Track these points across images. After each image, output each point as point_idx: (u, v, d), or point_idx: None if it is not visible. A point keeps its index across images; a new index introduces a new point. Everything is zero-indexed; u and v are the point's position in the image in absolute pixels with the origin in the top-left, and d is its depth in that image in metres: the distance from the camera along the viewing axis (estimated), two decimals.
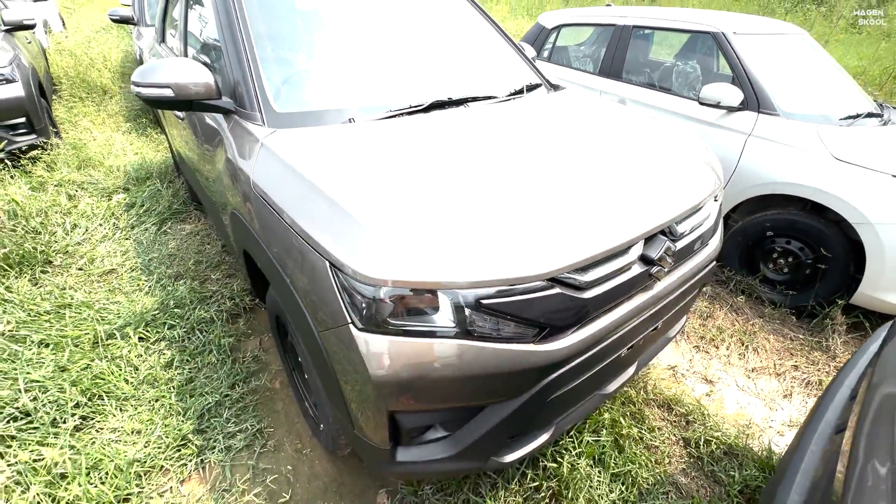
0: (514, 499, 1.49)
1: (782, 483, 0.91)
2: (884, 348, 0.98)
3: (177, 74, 1.50)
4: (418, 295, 0.98)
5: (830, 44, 8.73)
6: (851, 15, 9.21)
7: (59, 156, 3.69)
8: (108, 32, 9.09)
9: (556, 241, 1.06)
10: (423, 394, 1.04)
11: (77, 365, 1.82)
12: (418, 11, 2.15)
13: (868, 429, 0.79)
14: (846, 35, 9.63)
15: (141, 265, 2.62)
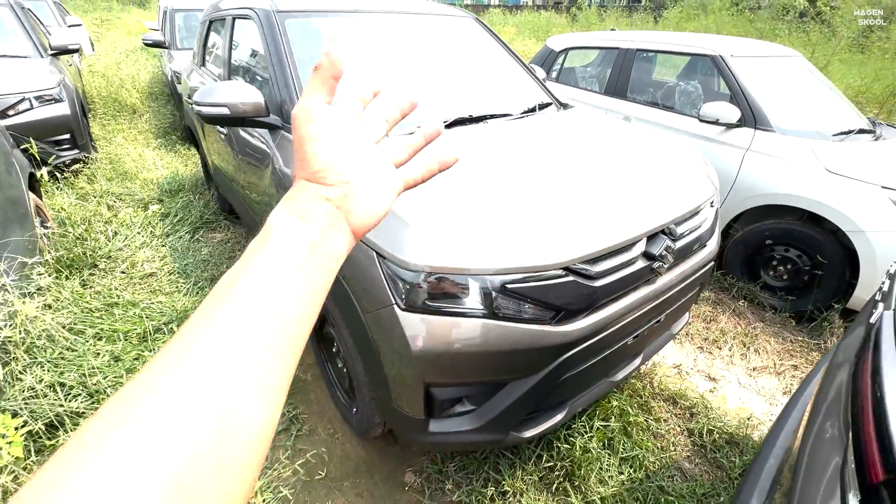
0: (531, 477, 1.62)
1: (753, 466, 1.03)
2: (840, 343, 1.10)
3: (231, 95, 1.71)
4: (452, 280, 1.15)
5: (833, 63, 8.95)
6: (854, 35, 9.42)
7: (99, 169, 3.95)
8: (135, 55, 9.56)
9: (570, 237, 1.23)
10: (454, 367, 1.20)
11: (129, 355, 1.99)
12: (441, 38, 2.38)
13: (817, 417, 0.89)
14: (849, 55, 9.86)
15: (178, 269, 2.82)
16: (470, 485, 1.61)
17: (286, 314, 0.29)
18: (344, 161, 0.36)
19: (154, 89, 7.04)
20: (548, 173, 1.52)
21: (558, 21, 18.02)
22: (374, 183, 0.37)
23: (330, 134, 0.36)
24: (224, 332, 0.26)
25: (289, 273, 0.30)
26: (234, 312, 0.27)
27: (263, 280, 0.29)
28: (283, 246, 0.31)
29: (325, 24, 2.11)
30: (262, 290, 0.29)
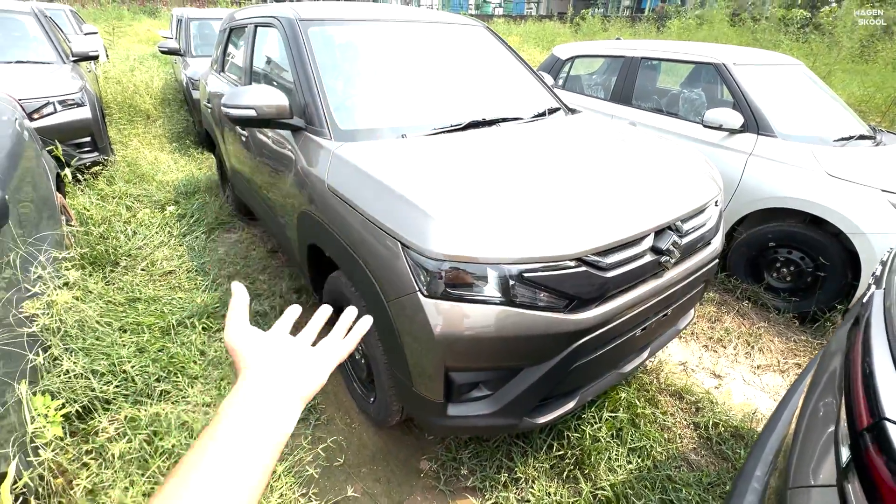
0: (542, 465, 1.68)
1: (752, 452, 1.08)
2: (836, 332, 1.16)
3: (258, 98, 1.80)
4: (472, 269, 1.22)
5: (836, 73, 9.04)
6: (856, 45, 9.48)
7: (117, 171, 4.06)
8: (148, 63, 9.74)
9: (582, 230, 1.31)
10: (473, 351, 1.27)
11: (153, 347, 2.07)
12: (453, 46, 2.48)
13: (814, 393, 0.95)
14: (853, 65, 9.95)
15: (196, 267, 2.91)
16: (483, 471, 1.67)
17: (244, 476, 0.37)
18: (273, 352, 0.48)
19: (167, 95, 7.18)
20: (560, 172, 1.60)
21: (562, 30, 18.25)
22: (305, 362, 0.49)
23: (255, 340, 0.49)
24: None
25: (241, 444, 0.39)
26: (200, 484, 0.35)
27: (221, 454, 0.37)
28: (234, 424, 0.40)
29: (345, 31, 2.21)
30: (220, 463, 0.37)
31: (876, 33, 10.05)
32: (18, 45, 4.21)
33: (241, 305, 0.50)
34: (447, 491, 1.63)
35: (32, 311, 1.61)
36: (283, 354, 0.48)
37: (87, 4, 21.14)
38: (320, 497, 1.57)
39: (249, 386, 0.43)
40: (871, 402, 0.60)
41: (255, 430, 0.40)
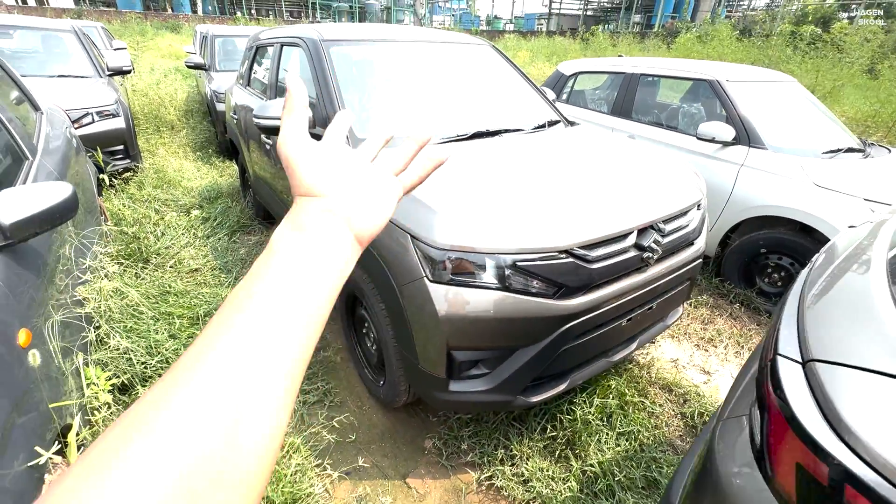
0: (536, 445, 1.83)
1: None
2: None
3: None
4: (473, 258, 1.40)
5: (847, 88, 9.14)
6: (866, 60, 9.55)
7: (146, 177, 4.34)
8: (172, 76, 10.20)
9: (571, 226, 1.48)
10: (472, 332, 1.44)
11: (184, 334, 2.27)
12: (461, 63, 2.70)
13: (750, 364, 1.05)
14: (863, 80, 10.03)
15: (219, 266, 3.13)
16: (482, 448, 1.82)
17: (294, 326, 0.30)
18: (335, 175, 0.38)
19: (190, 107, 7.55)
20: (554, 176, 1.78)
21: (572, 46, 18.59)
22: (372, 192, 0.39)
23: (314, 153, 0.38)
24: (234, 347, 0.27)
25: (296, 284, 0.31)
26: (244, 328, 0.28)
27: (271, 293, 0.30)
28: (287, 258, 0.32)
29: (363, 50, 2.44)
30: (270, 304, 0.29)
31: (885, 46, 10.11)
32: (60, 60, 4.55)
33: (300, 107, 0.40)
34: (448, 465, 1.79)
35: (84, 294, 1.83)
36: (347, 177, 0.38)
37: (113, 20, 22.12)
38: (334, 467, 1.74)
39: (306, 216, 0.35)
40: (775, 343, 0.76)
41: (311, 267, 0.32)
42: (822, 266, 0.95)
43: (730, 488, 0.70)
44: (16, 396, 1.04)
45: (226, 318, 0.29)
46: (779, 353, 0.72)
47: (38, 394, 1.15)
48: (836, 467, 0.55)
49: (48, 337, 1.34)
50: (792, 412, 0.62)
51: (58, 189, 1.36)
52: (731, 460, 0.73)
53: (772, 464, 0.65)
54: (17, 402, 1.04)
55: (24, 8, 23.02)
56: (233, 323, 0.28)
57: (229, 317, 0.29)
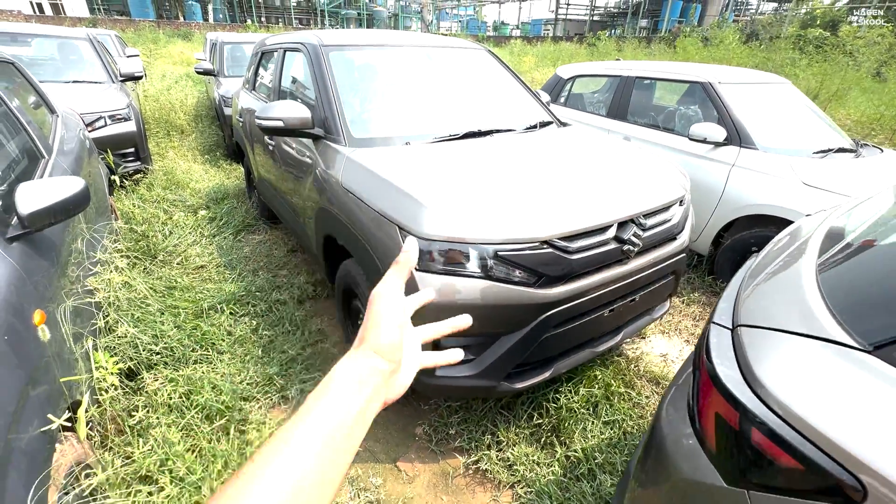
0: (523, 432, 1.90)
1: None
2: None
3: (286, 111, 2.13)
4: (457, 248, 1.48)
5: (854, 91, 9.11)
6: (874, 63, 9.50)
7: (155, 179, 4.48)
8: (182, 82, 10.44)
9: (550, 218, 1.56)
10: None
11: (188, 325, 2.37)
12: (456, 67, 2.79)
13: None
14: (871, 83, 9.99)
15: (224, 263, 3.24)
16: (470, 434, 1.89)
17: (326, 473, 0.33)
18: (400, 343, 0.42)
19: (199, 112, 7.74)
20: (539, 172, 1.86)
21: (578, 51, 18.68)
22: (408, 364, 0.44)
23: (399, 317, 0.42)
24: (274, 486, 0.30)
25: (336, 432, 0.35)
26: (285, 467, 0.31)
27: (316, 436, 0.34)
28: (338, 407, 0.36)
29: (361, 55, 2.54)
30: (312, 447, 0.33)
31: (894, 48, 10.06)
32: (75, 66, 4.72)
33: (406, 265, 0.45)
34: (438, 451, 1.86)
35: (94, 285, 1.93)
36: (404, 352, 0.43)
37: (127, 29, 22.64)
38: None
39: (369, 375, 0.39)
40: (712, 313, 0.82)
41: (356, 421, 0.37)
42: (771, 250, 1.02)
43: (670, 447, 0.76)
44: (31, 369, 1.14)
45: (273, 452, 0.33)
46: (713, 321, 0.79)
47: (51, 369, 1.24)
48: (746, 414, 0.62)
49: (60, 321, 1.44)
50: (714, 370, 0.69)
51: (71, 183, 1.47)
52: (674, 423, 0.79)
53: (699, 418, 0.72)
54: (33, 375, 1.14)
55: (42, 17, 23.65)
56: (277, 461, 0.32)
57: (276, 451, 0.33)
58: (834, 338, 0.64)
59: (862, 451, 0.54)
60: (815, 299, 0.71)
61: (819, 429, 0.57)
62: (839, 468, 0.55)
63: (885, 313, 0.65)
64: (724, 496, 0.63)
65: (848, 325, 0.65)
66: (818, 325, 0.66)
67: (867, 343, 0.62)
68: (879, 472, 0.52)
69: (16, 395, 1.05)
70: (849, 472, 0.54)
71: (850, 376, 0.60)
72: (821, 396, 0.60)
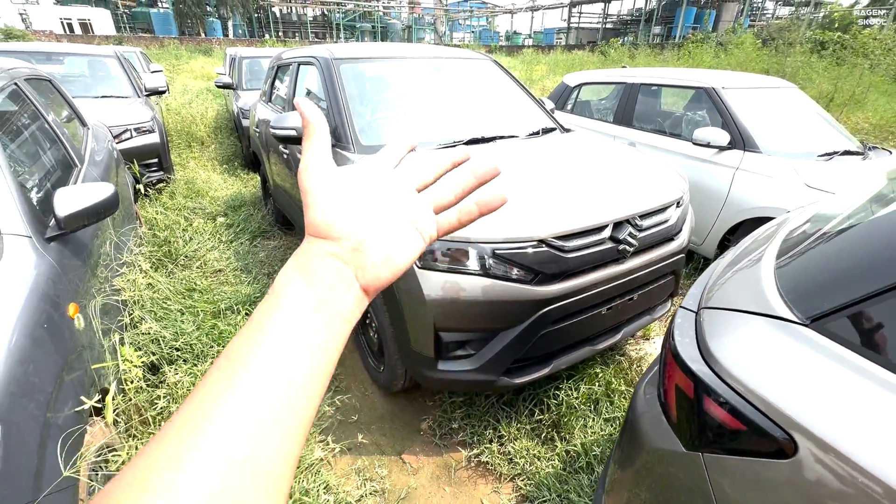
0: (524, 427, 1.96)
1: None
2: None
3: (298, 121, 2.25)
4: (457, 246, 1.57)
5: (871, 94, 8.98)
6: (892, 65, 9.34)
7: (177, 188, 4.69)
8: (203, 96, 10.83)
9: (547, 218, 1.63)
10: (457, 314, 1.59)
11: (206, 324, 2.50)
12: (465, 78, 2.90)
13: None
14: (891, 86, 9.82)
15: (241, 267, 3.38)
16: (473, 429, 1.96)
17: (295, 383, 0.28)
18: (352, 214, 0.34)
19: (219, 124, 8.04)
20: (539, 175, 1.94)
21: (590, 59, 18.74)
22: (392, 235, 0.35)
23: (334, 187, 0.34)
24: (229, 413, 0.26)
25: (296, 338, 0.29)
26: (241, 391, 0.26)
27: (271, 351, 0.28)
28: (289, 310, 0.30)
29: (370, 67, 2.67)
30: (270, 363, 0.28)
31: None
32: (104, 82, 4.99)
33: (319, 131, 0.36)
34: (441, 444, 1.93)
35: (121, 284, 2.07)
36: (366, 217, 0.34)
37: (151, 45, 23.57)
38: (336, 441, 1.91)
39: (314, 261, 0.32)
40: (683, 299, 0.89)
41: (315, 320, 0.30)
42: (747, 241, 1.07)
43: (643, 425, 0.82)
44: (67, 355, 1.26)
45: (227, 375, 0.27)
46: (681, 307, 0.85)
47: (84, 356, 1.36)
48: (699, 384, 0.68)
49: (91, 315, 1.56)
50: (675, 347, 0.75)
51: (102, 188, 1.60)
52: (648, 402, 0.85)
53: (664, 393, 0.78)
54: (68, 360, 1.25)
55: (72, 35, 24.80)
56: (237, 381, 0.27)
57: (232, 373, 0.27)
58: (778, 314, 0.70)
59: (794, 410, 0.60)
60: (769, 282, 0.77)
61: (760, 393, 0.63)
62: (775, 426, 0.61)
63: (821, 291, 0.70)
64: (682, 460, 0.69)
65: (792, 303, 0.71)
66: (767, 304, 0.72)
67: (805, 317, 0.68)
68: (807, 427, 0.58)
69: (54, 377, 1.16)
70: (783, 429, 0.60)
71: (788, 347, 0.66)
72: (763, 366, 0.66)
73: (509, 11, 45.81)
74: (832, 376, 0.61)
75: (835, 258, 0.74)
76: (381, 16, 40.61)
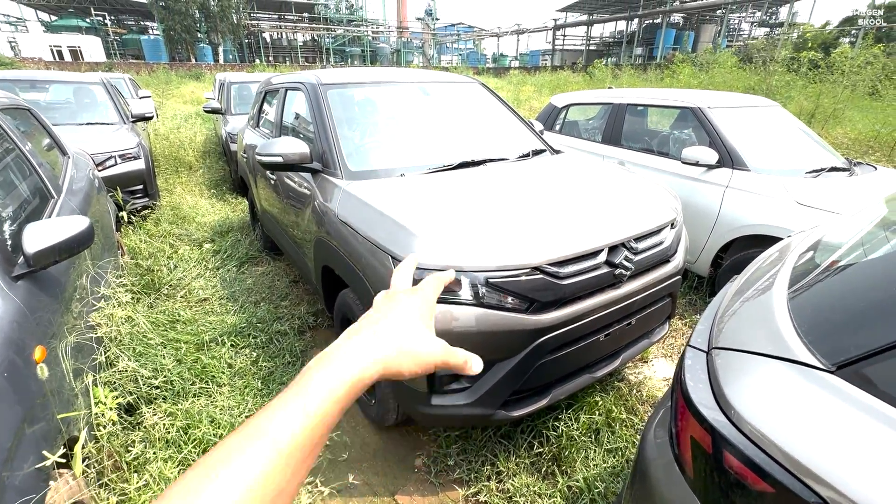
0: (523, 461, 1.87)
1: None
2: None
3: (285, 147, 2.21)
4: None
5: (850, 109, 9.25)
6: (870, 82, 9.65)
7: (163, 214, 4.60)
8: (192, 121, 10.82)
9: (541, 245, 1.58)
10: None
11: (189, 358, 2.39)
12: (453, 101, 2.89)
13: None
14: (866, 102, 10.12)
15: (227, 295, 3.28)
16: (470, 465, 1.86)
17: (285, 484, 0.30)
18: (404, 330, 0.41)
19: (207, 148, 7.99)
20: (531, 199, 1.90)
21: (575, 79, 19.17)
22: (417, 349, 0.40)
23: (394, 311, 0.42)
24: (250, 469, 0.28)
25: (303, 447, 0.31)
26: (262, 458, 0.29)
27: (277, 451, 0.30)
28: (312, 421, 0.32)
29: (358, 92, 2.65)
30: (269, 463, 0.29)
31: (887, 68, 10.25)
32: (89, 109, 4.94)
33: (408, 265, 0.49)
34: (437, 483, 1.83)
35: (97, 320, 1.97)
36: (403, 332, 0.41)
37: (141, 71, 23.68)
38: (325, 484, 1.79)
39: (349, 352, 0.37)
40: (690, 336, 0.83)
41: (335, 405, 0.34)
42: (751, 270, 1.03)
43: (654, 473, 0.76)
44: (28, 406, 1.16)
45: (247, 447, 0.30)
46: (689, 345, 0.80)
47: (49, 406, 1.26)
48: (717, 437, 0.62)
49: (61, 356, 1.46)
50: (688, 393, 0.69)
51: (76, 222, 1.53)
52: (660, 447, 0.79)
53: (678, 442, 0.72)
54: (30, 412, 1.16)
55: (62, 63, 24.83)
56: (254, 454, 0.29)
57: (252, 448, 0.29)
58: (800, 359, 0.65)
59: (825, 469, 0.54)
60: (783, 321, 0.72)
61: (785, 449, 0.57)
62: (806, 489, 0.55)
63: (846, 333, 0.66)
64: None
65: (813, 345, 0.66)
66: (785, 346, 0.67)
67: (830, 363, 0.62)
68: (842, 490, 0.52)
69: (12, 432, 1.07)
70: (814, 491, 0.54)
71: (814, 396, 0.61)
72: (787, 417, 0.60)
73: (496, 35, 47.01)
74: (866, 431, 0.56)
75: (857, 294, 0.70)
76: (371, 40, 41.39)
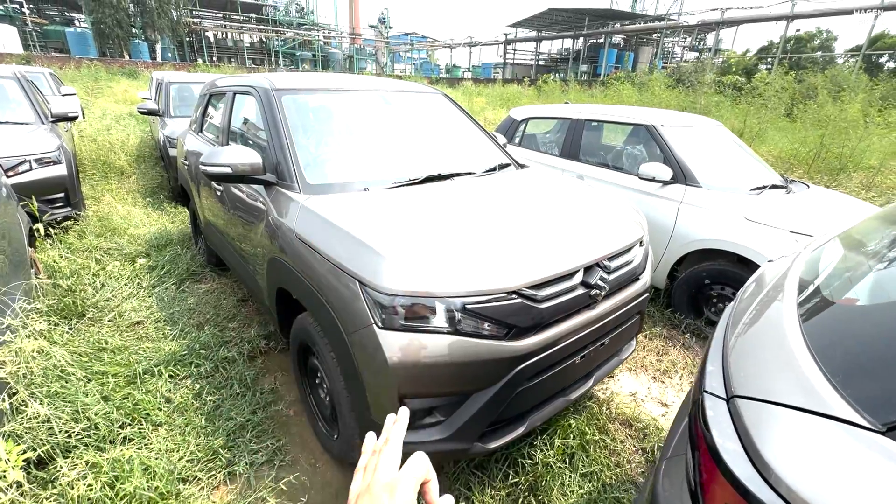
0: (499, 493, 1.77)
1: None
2: None
3: (234, 157, 2.00)
4: (422, 302, 1.39)
5: (769, 131, 10.14)
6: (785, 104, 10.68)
7: (88, 226, 4.12)
8: (124, 122, 9.96)
9: (518, 267, 1.51)
10: (425, 378, 1.40)
11: (118, 394, 2.09)
12: (416, 112, 2.79)
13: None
14: (784, 122, 11.16)
15: (165, 317, 2.95)
16: None
17: None
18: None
19: (143, 152, 7.35)
20: (502, 217, 1.83)
21: (526, 93, 19.76)
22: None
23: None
24: None
25: None
26: None
27: None
28: None
29: (315, 98, 2.48)
30: None
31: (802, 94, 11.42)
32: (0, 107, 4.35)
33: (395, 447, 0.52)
34: None
35: (1, 357, 1.66)
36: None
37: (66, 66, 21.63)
38: None
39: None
40: (702, 380, 0.78)
41: None
42: (745, 302, 1.01)
43: None
44: None
45: None
46: (705, 391, 0.75)
47: None
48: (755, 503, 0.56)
49: None
50: (719, 453, 0.63)
51: None
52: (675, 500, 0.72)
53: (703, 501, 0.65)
54: None
55: None
56: None
57: None
58: (841, 416, 0.61)
59: None
60: (809, 367, 0.68)
61: None
62: None
63: (893, 389, 0.63)
64: None
65: (854, 400, 0.62)
66: (820, 400, 0.63)
67: (880, 423, 0.58)
68: None
69: None
70: None
71: (864, 460, 0.56)
72: (835, 483, 0.55)
73: (449, 46, 47.67)
74: None
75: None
76: (322, 45, 40.54)
